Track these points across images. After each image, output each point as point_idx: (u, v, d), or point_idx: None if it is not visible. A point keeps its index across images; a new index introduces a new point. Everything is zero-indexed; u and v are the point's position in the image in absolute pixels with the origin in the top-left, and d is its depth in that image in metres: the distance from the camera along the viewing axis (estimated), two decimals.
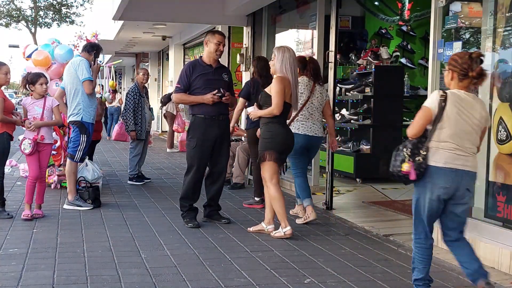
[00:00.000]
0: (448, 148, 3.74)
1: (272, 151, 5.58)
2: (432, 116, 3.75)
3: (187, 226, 6.03)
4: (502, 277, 4.51)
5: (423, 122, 3.78)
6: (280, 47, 5.72)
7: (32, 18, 39.86)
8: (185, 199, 6.20)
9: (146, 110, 9.31)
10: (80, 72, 6.85)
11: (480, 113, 3.81)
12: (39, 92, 6.37)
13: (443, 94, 3.74)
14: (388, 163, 3.87)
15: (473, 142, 3.80)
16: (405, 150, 3.77)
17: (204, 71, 6.10)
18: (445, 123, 3.73)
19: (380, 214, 6.96)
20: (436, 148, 3.75)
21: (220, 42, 6.12)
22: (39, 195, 6.41)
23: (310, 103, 6.33)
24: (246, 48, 11.00)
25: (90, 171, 7.44)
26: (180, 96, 6.16)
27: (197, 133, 6.10)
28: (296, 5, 9.72)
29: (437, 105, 3.73)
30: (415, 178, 3.75)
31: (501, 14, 5.06)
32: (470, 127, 3.77)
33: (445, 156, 3.73)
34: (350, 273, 4.57)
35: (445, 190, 3.74)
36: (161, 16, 11.56)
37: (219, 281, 4.30)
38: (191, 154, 6.14)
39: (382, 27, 10.50)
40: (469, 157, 3.79)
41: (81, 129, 6.89)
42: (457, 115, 3.74)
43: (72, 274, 4.40)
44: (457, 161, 3.74)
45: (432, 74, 5.65)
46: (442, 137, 3.74)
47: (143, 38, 17.59)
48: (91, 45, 7.30)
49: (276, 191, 5.61)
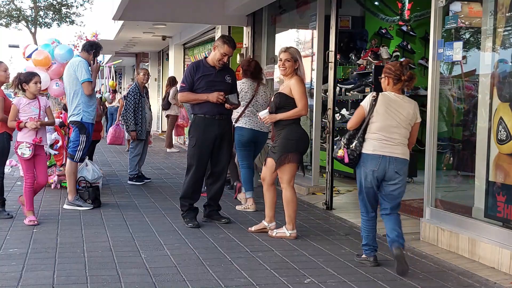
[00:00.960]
0: (377, 138, 4.61)
1: (296, 152, 5.55)
2: (365, 113, 4.65)
3: (187, 226, 6.03)
4: (502, 277, 4.51)
5: (358, 117, 4.71)
6: (296, 50, 5.69)
7: (32, 18, 39.83)
8: (185, 198, 6.20)
9: (147, 110, 9.31)
10: (79, 73, 6.85)
11: (408, 111, 4.62)
12: (33, 91, 6.15)
13: (375, 95, 4.67)
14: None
15: (401, 135, 4.62)
16: (343, 140, 4.74)
17: (207, 72, 6.12)
18: (374, 118, 4.61)
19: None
20: (368, 139, 4.65)
21: (227, 54, 6.10)
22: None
23: (255, 101, 7.18)
24: (246, 48, 11.00)
25: (90, 171, 7.44)
26: (186, 94, 6.17)
27: (197, 133, 6.11)
28: (296, 5, 9.72)
29: (368, 104, 4.64)
30: (347, 161, 4.70)
31: (501, 14, 5.07)
32: (397, 122, 4.60)
33: (373, 145, 4.61)
34: (350, 273, 4.57)
35: (374, 172, 4.60)
36: (161, 16, 11.57)
37: (219, 281, 4.30)
38: (191, 153, 6.15)
39: (382, 27, 10.49)
40: (398, 146, 4.61)
41: (81, 129, 6.89)
42: (385, 112, 4.59)
43: (72, 274, 4.40)
44: (385, 149, 4.59)
45: (432, 74, 5.65)
46: (372, 129, 4.63)
47: (143, 38, 17.59)
48: (90, 44, 7.26)
49: (293, 194, 5.59)
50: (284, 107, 5.53)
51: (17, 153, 6.09)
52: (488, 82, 5.28)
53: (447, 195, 6.01)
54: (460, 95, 6.23)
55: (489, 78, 5.28)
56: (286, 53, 5.57)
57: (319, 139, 8.29)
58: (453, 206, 5.70)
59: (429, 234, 5.55)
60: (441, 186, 5.89)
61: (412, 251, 5.24)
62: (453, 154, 6.32)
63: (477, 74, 5.77)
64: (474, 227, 5.12)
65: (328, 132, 7.24)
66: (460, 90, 6.16)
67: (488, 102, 5.19)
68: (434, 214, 5.63)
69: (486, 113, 5.22)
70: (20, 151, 6.05)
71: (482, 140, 5.32)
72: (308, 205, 7.40)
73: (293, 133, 5.56)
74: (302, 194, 8.05)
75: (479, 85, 5.56)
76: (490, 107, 5.12)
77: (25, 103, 6.13)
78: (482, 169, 5.28)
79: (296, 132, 5.59)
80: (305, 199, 7.75)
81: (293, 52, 5.59)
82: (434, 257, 5.06)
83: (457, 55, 5.40)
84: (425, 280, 4.45)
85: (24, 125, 6.05)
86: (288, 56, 5.56)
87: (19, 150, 6.04)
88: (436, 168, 5.75)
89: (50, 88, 8.29)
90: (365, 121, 4.65)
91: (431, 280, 4.45)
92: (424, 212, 5.73)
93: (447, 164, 6.26)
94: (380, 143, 4.60)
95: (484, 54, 5.48)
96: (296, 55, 5.58)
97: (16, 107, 6.09)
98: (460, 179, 6.32)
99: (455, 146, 6.26)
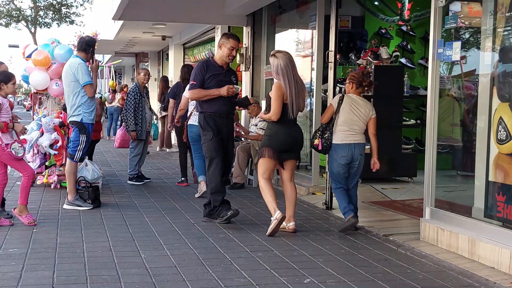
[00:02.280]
0: (343, 130, 5.94)
1: (269, 147, 5.80)
2: (334, 110, 5.97)
3: (225, 217, 6.02)
4: (502, 277, 4.51)
5: (328, 113, 6.04)
6: (272, 55, 5.91)
7: (32, 18, 39.85)
8: (217, 193, 6.19)
9: (147, 110, 9.32)
10: (79, 76, 6.82)
11: (365, 109, 5.99)
12: (11, 92, 6.02)
13: (341, 96, 6.03)
14: (389, 163, 5.03)
15: (359, 126, 5.97)
16: (318, 131, 6.08)
17: (217, 71, 6.26)
18: (340, 114, 5.94)
19: (380, 214, 6.96)
20: (336, 131, 5.96)
21: (234, 47, 6.27)
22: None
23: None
24: (246, 48, 11.00)
25: (90, 171, 7.44)
26: (197, 91, 6.24)
27: (210, 127, 6.20)
28: (296, 5, 9.72)
29: (336, 103, 5.99)
30: (321, 148, 6.03)
31: (501, 14, 5.07)
32: (356, 117, 5.95)
33: (341, 136, 5.95)
34: (350, 273, 4.57)
35: (344, 157, 5.93)
36: (161, 16, 11.57)
37: (219, 281, 4.30)
38: (211, 146, 6.18)
39: (382, 27, 10.49)
40: (358, 135, 5.97)
41: (80, 129, 6.89)
42: (349, 110, 5.94)
43: (72, 274, 4.40)
44: (349, 138, 5.94)
45: (432, 74, 5.65)
46: (339, 123, 5.95)
47: (143, 38, 17.59)
48: (87, 43, 7.11)
49: (264, 183, 5.82)
50: (269, 108, 5.89)
51: (10, 153, 5.87)
52: (488, 82, 5.28)
53: (447, 195, 6.01)
54: (460, 95, 6.23)
55: (489, 78, 5.28)
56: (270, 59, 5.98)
57: None
58: (453, 206, 5.70)
59: (429, 234, 5.55)
60: (441, 186, 5.90)
61: (412, 251, 5.24)
62: (453, 154, 6.32)
63: (477, 74, 5.77)
64: (474, 227, 5.12)
65: None
66: (460, 90, 6.17)
67: (488, 102, 5.19)
68: (434, 214, 5.63)
69: (486, 113, 5.22)
70: (14, 151, 5.89)
71: (482, 140, 5.32)
72: (308, 205, 7.40)
73: (268, 129, 5.96)
74: (302, 194, 8.05)
75: (479, 85, 5.57)
76: (490, 107, 5.12)
77: (6, 103, 5.98)
78: (482, 169, 5.28)
79: (270, 129, 5.90)
80: (305, 199, 7.75)
81: (271, 59, 5.88)
82: (434, 257, 5.06)
83: (457, 55, 5.40)
84: (425, 280, 4.45)
85: (12, 127, 5.93)
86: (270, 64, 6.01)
87: (13, 149, 5.89)
88: (436, 168, 5.75)
89: (50, 88, 8.29)
90: (334, 116, 5.96)
91: (431, 280, 4.45)
92: (424, 212, 5.73)
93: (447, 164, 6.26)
94: (346, 134, 5.93)
95: (484, 54, 5.48)
96: (272, 61, 5.85)
97: (12, 105, 5.99)
98: (460, 179, 6.32)
99: (455, 146, 6.26)
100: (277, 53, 5.89)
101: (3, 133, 5.88)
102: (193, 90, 6.26)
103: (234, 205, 7.25)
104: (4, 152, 5.89)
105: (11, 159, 5.95)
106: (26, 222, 6.00)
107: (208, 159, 6.21)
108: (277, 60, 5.80)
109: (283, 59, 5.80)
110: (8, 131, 5.93)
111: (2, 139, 5.87)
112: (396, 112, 9.28)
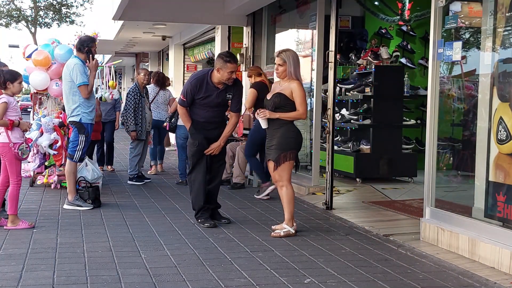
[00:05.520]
0: None
1: (294, 150, 5.77)
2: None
3: (203, 226, 6.02)
4: (502, 277, 4.51)
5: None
6: (291, 53, 5.81)
7: (32, 18, 39.85)
8: (196, 198, 6.19)
9: (147, 110, 9.32)
10: (74, 76, 6.82)
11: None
12: (17, 90, 5.98)
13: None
14: (389, 163, 4.56)
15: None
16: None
17: (209, 93, 6.08)
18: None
19: (380, 214, 6.96)
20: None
21: (233, 71, 6.02)
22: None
23: (156, 100, 10.16)
24: (246, 48, 11.00)
25: (90, 171, 7.44)
26: (182, 112, 6.22)
27: (197, 133, 6.14)
28: (296, 5, 9.72)
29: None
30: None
31: (501, 14, 5.06)
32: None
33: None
34: (350, 273, 4.57)
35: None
36: (161, 16, 11.56)
37: (219, 281, 4.30)
38: (195, 153, 6.17)
39: (382, 27, 10.49)
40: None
41: (79, 129, 6.89)
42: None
43: (72, 274, 4.40)
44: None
45: (432, 74, 5.64)
46: None
47: (143, 38, 17.59)
48: (81, 42, 7.07)
49: (293, 191, 5.81)
50: (282, 107, 5.69)
51: (16, 153, 5.79)
52: (488, 82, 5.28)
53: (447, 195, 6.01)
54: (460, 95, 6.23)
55: (489, 78, 5.27)
56: (278, 58, 5.81)
57: (319, 139, 8.28)
58: (453, 206, 5.70)
59: (429, 234, 5.55)
60: (441, 186, 5.89)
61: (412, 251, 5.24)
62: (453, 154, 6.32)
63: (477, 74, 5.77)
64: (474, 227, 5.12)
65: (328, 132, 7.24)
66: (460, 90, 6.16)
67: (488, 102, 5.19)
68: (434, 214, 5.62)
69: (486, 113, 5.22)
70: (20, 152, 5.82)
71: (482, 140, 5.32)
72: (308, 205, 7.40)
73: (290, 132, 5.75)
74: (302, 194, 8.05)
75: (479, 85, 5.56)
76: (490, 107, 5.12)
77: (13, 101, 5.92)
78: (482, 169, 5.28)
79: (293, 131, 5.78)
80: (305, 199, 7.75)
81: (285, 56, 5.76)
82: (434, 257, 5.06)
83: (457, 55, 5.40)
84: (425, 280, 4.45)
85: (18, 125, 5.83)
86: (280, 61, 5.78)
87: (20, 150, 5.81)
88: (436, 168, 5.75)
89: (50, 88, 8.29)
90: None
91: (431, 280, 4.45)
92: (424, 212, 5.72)
93: (447, 164, 6.26)
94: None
95: (484, 54, 5.48)
96: (287, 58, 5.73)
97: (7, 105, 5.79)
98: (460, 179, 6.32)
99: (455, 146, 6.26)
100: (289, 51, 5.85)
101: (12, 131, 5.80)
102: (181, 108, 6.21)
103: (234, 205, 7.28)
104: (11, 151, 5.80)
105: (14, 159, 5.83)
106: (25, 227, 5.89)
107: (191, 164, 6.23)
108: (288, 57, 5.73)
109: (293, 56, 5.78)
110: (17, 130, 5.84)
111: (11, 138, 5.81)
112: (396, 112, 9.29)
